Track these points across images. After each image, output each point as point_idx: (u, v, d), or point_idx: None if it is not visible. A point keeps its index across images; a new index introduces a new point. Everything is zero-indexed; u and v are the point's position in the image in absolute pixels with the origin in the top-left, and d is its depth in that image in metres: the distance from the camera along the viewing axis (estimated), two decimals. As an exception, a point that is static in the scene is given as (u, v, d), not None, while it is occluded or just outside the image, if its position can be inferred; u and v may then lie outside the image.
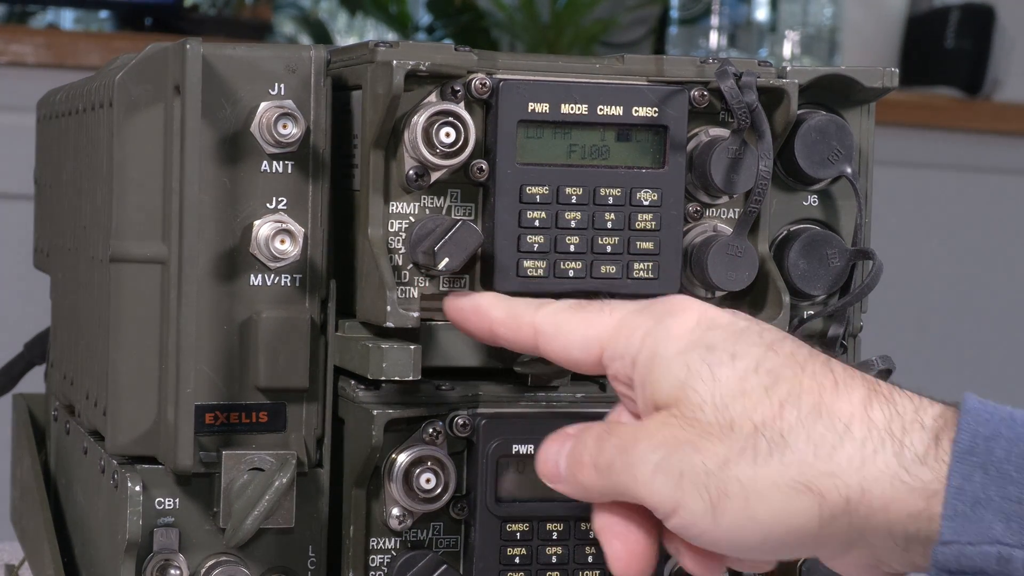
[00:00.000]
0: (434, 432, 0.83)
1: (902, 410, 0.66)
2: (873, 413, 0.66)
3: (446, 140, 0.81)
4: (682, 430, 0.68)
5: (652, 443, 0.68)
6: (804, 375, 0.67)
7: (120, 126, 0.81)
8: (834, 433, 0.66)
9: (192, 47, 0.78)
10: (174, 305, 0.79)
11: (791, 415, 0.66)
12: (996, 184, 2.74)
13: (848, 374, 0.68)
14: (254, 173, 0.82)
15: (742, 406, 0.67)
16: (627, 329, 0.71)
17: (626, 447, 0.69)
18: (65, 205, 0.98)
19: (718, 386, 0.68)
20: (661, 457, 0.68)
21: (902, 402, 0.66)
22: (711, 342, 0.69)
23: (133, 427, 0.82)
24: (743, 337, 0.69)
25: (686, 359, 0.69)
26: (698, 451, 0.67)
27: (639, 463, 0.68)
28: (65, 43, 2.28)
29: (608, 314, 0.73)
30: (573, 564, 0.84)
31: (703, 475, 0.67)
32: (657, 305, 0.72)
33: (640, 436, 0.69)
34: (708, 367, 0.68)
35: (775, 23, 2.78)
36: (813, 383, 0.67)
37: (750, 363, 0.68)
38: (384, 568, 0.84)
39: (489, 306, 0.77)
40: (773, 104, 0.86)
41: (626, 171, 0.84)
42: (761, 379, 0.67)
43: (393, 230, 0.83)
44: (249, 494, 0.81)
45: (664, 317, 0.71)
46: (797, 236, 0.88)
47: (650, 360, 0.70)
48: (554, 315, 0.74)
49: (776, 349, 0.68)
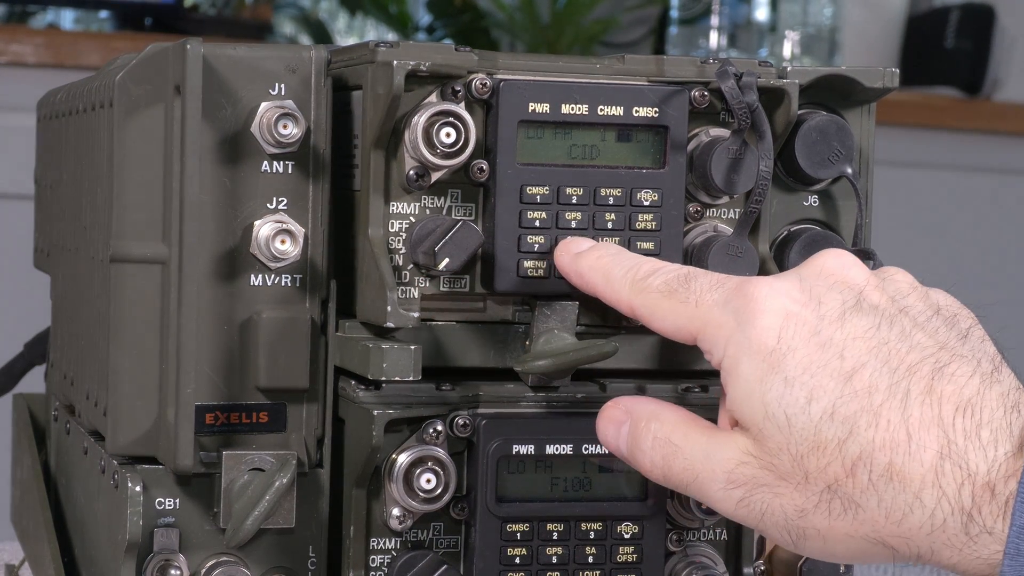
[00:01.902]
0: (434, 432, 0.83)
1: (975, 468, 0.66)
2: (944, 479, 0.66)
3: (446, 140, 0.81)
4: (761, 471, 0.70)
5: (732, 480, 0.71)
6: (878, 427, 0.67)
7: (120, 126, 0.81)
8: (904, 500, 0.67)
9: (192, 47, 0.78)
10: (174, 305, 0.79)
11: (863, 477, 0.67)
12: (996, 184, 2.74)
13: (924, 421, 0.67)
14: (254, 173, 0.82)
15: (816, 461, 0.68)
16: (711, 328, 0.72)
17: (698, 474, 0.72)
18: (65, 205, 0.98)
19: (794, 435, 0.69)
20: (742, 495, 0.70)
21: (975, 459, 0.66)
22: (789, 372, 0.69)
23: (133, 427, 0.82)
24: (823, 364, 0.69)
25: (763, 396, 0.69)
26: (777, 496, 0.69)
27: (720, 498, 0.71)
28: (65, 43, 2.28)
29: (695, 304, 0.73)
30: (573, 564, 0.84)
31: (783, 519, 0.70)
32: (738, 299, 0.72)
33: (716, 468, 0.71)
34: (785, 413, 0.69)
35: (775, 23, 2.78)
36: (886, 437, 0.67)
37: (826, 407, 0.68)
38: (384, 568, 0.84)
39: (590, 270, 0.78)
40: (773, 104, 0.86)
41: (626, 171, 0.84)
42: (836, 430, 0.68)
43: (393, 230, 0.83)
44: (249, 494, 0.81)
45: (745, 320, 0.71)
46: (797, 236, 0.88)
47: (731, 372, 0.71)
48: (648, 300, 0.75)
49: (855, 381, 0.68)
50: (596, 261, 0.78)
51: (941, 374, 0.68)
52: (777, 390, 0.69)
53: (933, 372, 0.68)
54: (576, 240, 0.81)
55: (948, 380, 0.68)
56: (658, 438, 0.74)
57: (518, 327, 0.85)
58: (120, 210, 0.81)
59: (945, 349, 0.69)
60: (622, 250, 0.79)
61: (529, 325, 0.84)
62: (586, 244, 0.80)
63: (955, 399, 0.67)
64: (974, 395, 0.68)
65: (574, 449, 0.83)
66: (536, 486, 0.84)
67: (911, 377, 0.68)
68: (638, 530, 0.85)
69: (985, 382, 0.68)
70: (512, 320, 0.85)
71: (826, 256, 0.73)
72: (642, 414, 0.75)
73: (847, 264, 0.72)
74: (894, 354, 0.69)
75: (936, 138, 2.69)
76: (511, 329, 0.85)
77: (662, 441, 0.73)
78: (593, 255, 0.79)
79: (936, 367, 0.68)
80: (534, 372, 0.83)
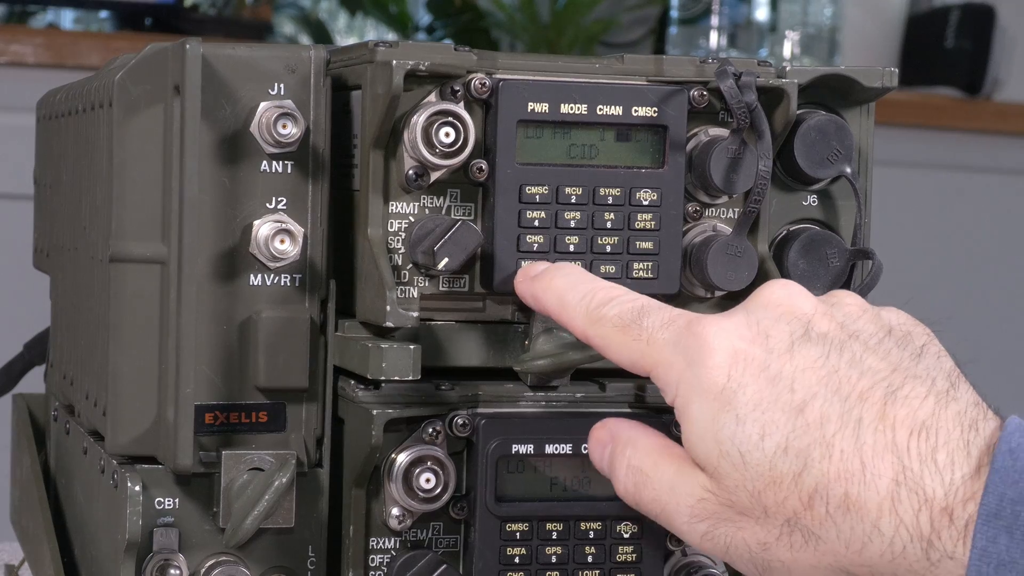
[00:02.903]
0: (434, 432, 0.83)
1: (931, 494, 0.66)
2: (900, 507, 0.66)
3: (446, 140, 0.81)
4: (721, 507, 0.70)
5: (695, 514, 0.71)
6: (832, 458, 0.67)
7: (120, 126, 0.81)
8: (863, 529, 0.67)
9: (192, 47, 0.78)
10: (174, 305, 0.79)
11: (820, 509, 0.67)
12: (996, 184, 2.74)
13: (877, 448, 0.67)
14: (254, 173, 0.82)
15: (774, 496, 0.68)
16: (662, 367, 0.72)
17: (664, 505, 0.72)
18: (65, 205, 0.98)
19: (749, 472, 0.69)
20: (707, 529, 0.71)
21: (932, 483, 0.66)
22: (740, 410, 0.69)
23: (133, 427, 0.82)
24: (774, 398, 0.69)
25: (716, 435, 0.69)
26: (740, 530, 0.70)
27: (685, 531, 0.72)
28: (65, 43, 2.28)
29: (646, 342, 0.73)
30: (573, 564, 0.84)
31: (747, 552, 0.70)
32: (687, 338, 0.71)
33: (681, 502, 0.71)
34: (739, 451, 0.69)
35: (775, 23, 2.78)
36: (840, 468, 0.67)
37: (779, 441, 0.68)
38: (384, 568, 0.84)
39: (544, 292, 0.78)
40: (773, 104, 0.86)
41: (626, 171, 0.84)
42: (791, 464, 0.68)
43: (393, 230, 0.83)
44: (249, 494, 0.81)
45: (694, 360, 0.70)
46: (797, 236, 0.88)
47: (683, 412, 0.71)
48: (601, 331, 0.74)
49: (807, 413, 0.68)
50: (550, 282, 0.78)
51: (894, 398, 0.67)
52: (729, 428, 0.69)
53: (885, 396, 0.67)
54: (534, 265, 0.81)
55: (901, 403, 0.67)
56: (631, 465, 0.74)
57: (517, 327, 0.85)
58: (120, 210, 0.81)
59: (898, 371, 0.69)
60: (577, 271, 0.78)
61: (528, 325, 0.84)
62: (542, 267, 0.80)
63: (909, 423, 0.67)
64: (928, 417, 0.67)
65: (573, 449, 0.83)
66: (535, 486, 0.84)
67: (863, 404, 0.68)
68: (638, 530, 0.85)
69: (940, 402, 0.67)
70: (511, 320, 0.85)
71: (772, 287, 0.72)
72: (620, 438, 0.75)
73: (793, 293, 0.72)
74: (844, 382, 0.68)
75: (936, 138, 2.69)
76: (510, 329, 0.85)
77: (635, 469, 0.74)
78: (547, 277, 0.78)
79: (888, 391, 0.68)
80: (533, 372, 0.83)
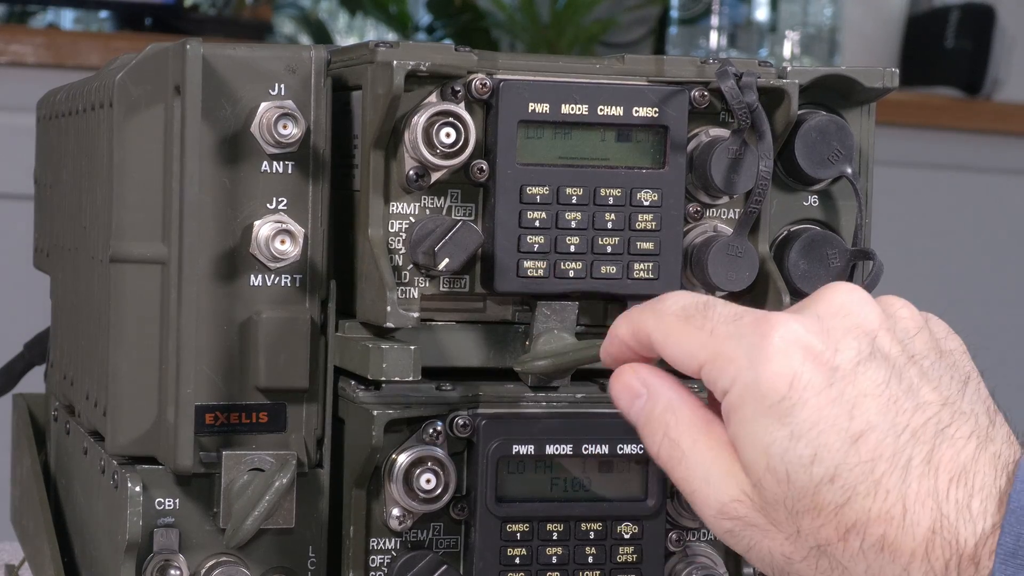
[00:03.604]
0: (434, 432, 0.83)
1: (963, 543, 0.66)
2: (933, 554, 0.66)
3: (446, 140, 0.81)
4: (754, 513, 0.70)
5: (725, 512, 0.70)
6: (877, 496, 0.67)
7: (120, 126, 0.81)
8: (893, 571, 0.67)
9: (192, 47, 0.78)
10: (174, 305, 0.79)
11: (855, 543, 0.67)
12: (996, 184, 2.74)
13: (920, 494, 0.67)
14: (254, 173, 0.82)
15: (811, 522, 0.68)
16: (722, 360, 0.70)
17: (695, 491, 0.71)
18: (65, 205, 0.98)
19: (792, 492, 0.68)
20: (733, 527, 0.70)
21: (965, 533, 0.66)
22: (796, 428, 0.68)
23: (133, 427, 0.82)
24: (832, 422, 0.68)
25: (767, 449, 0.68)
26: (767, 538, 0.70)
27: (711, 523, 0.71)
28: (65, 43, 2.28)
29: (709, 333, 0.71)
30: (573, 564, 0.84)
31: (768, 558, 0.70)
32: (753, 335, 0.70)
33: (712, 495, 0.71)
34: (786, 469, 0.68)
35: (775, 23, 2.78)
36: (883, 509, 0.67)
37: (829, 469, 0.68)
38: (384, 568, 0.84)
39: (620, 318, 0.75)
40: (773, 104, 0.86)
41: (626, 171, 0.84)
42: (835, 495, 0.67)
43: (393, 230, 0.83)
44: (249, 494, 0.81)
45: (757, 360, 0.69)
46: (797, 236, 0.88)
47: (735, 410, 0.70)
48: (664, 323, 0.73)
49: (861, 446, 0.68)
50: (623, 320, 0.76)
51: (943, 436, 0.68)
52: (782, 444, 0.68)
53: (935, 435, 0.68)
54: None
55: (948, 445, 0.68)
56: (669, 436, 0.72)
57: (518, 327, 0.85)
58: (120, 210, 0.81)
59: (947, 406, 0.69)
60: None
61: (529, 325, 0.84)
62: None
63: (951, 467, 0.67)
64: (969, 460, 0.67)
65: (574, 449, 0.83)
66: (536, 486, 0.84)
67: (914, 444, 0.68)
68: (638, 530, 0.85)
69: (981, 444, 0.68)
70: (512, 320, 0.85)
71: (841, 291, 0.71)
72: (660, 399, 0.73)
73: (862, 301, 0.71)
74: (901, 414, 0.68)
75: (936, 138, 2.69)
76: (511, 329, 0.85)
77: (672, 442, 0.72)
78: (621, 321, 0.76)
79: (938, 428, 0.68)
80: (534, 372, 0.83)
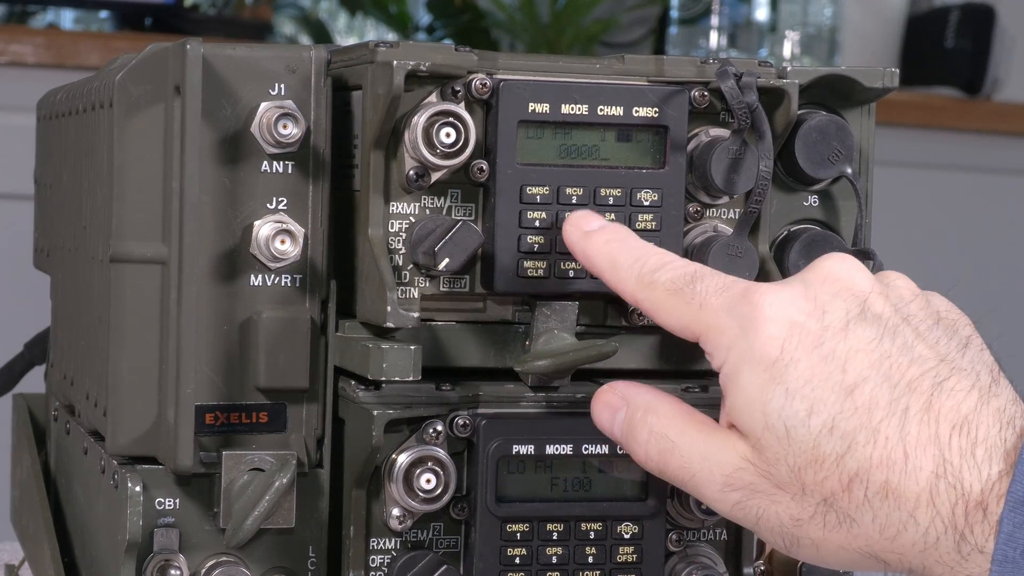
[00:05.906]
0: (434, 432, 0.83)
1: (968, 488, 0.67)
2: (938, 499, 0.67)
3: (446, 140, 0.81)
4: (758, 478, 0.70)
5: (730, 483, 0.71)
6: (876, 444, 0.68)
7: (120, 126, 0.81)
8: (899, 518, 0.68)
9: (192, 47, 0.78)
10: (174, 305, 0.79)
11: (859, 493, 0.68)
12: (996, 184, 2.74)
13: (921, 439, 0.68)
14: (254, 173, 0.82)
15: (814, 475, 0.69)
16: (714, 332, 0.72)
17: (695, 473, 0.72)
18: (65, 205, 0.98)
19: (792, 447, 0.69)
20: (740, 498, 0.71)
21: (970, 478, 0.67)
22: (791, 384, 0.69)
23: (133, 427, 0.82)
24: (825, 377, 0.69)
25: (764, 407, 0.69)
26: (774, 503, 0.70)
27: (716, 499, 0.72)
28: (65, 43, 2.28)
29: (699, 306, 0.73)
30: (573, 564, 0.84)
31: (778, 525, 0.70)
32: (743, 305, 0.71)
33: (714, 470, 0.71)
34: (784, 425, 0.69)
35: (775, 23, 2.79)
36: (883, 455, 0.68)
37: (826, 420, 0.68)
38: (384, 568, 0.84)
39: (597, 254, 0.77)
40: (773, 104, 0.86)
41: (626, 171, 0.84)
42: (835, 445, 0.68)
43: (393, 230, 0.83)
44: (249, 494, 0.81)
45: (748, 328, 0.71)
46: (797, 236, 0.88)
47: (732, 379, 0.71)
48: (653, 296, 0.74)
49: (856, 396, 0.68)
50: (604, 246, 0.77)
51: (940, 389, 0.68)
52: (778, 401, 0.69)
53: (933, 387, 0.68)
54: (587, 216, 0.79)
55: (947, 396, 0.68)
56: (654, 432, 0.74)
57: (518, 327, 0.85)
58: (120, 210, 0.81)
59: (945, 362, 0.69)
60: (630, 235, 0.78)
61: (529, 325, 0.84)
62: (596, 223, 0.78)
63: (952, 416, 0.68)
64: (971, 412, 0.68)
65: (574, 449, 0.83)
66: (536, 486, 0.84)
67: (911, 393, 0.68)
68: (638, 530, 0.85)
69: (983, 397, 0.68)
70: (512, 320, 0.85)
71: (831, 261, 0.73)
72: (639, 404, 0.75)
73: (852, 268, 0.72)
74: (895, 368, 0.69)
75: (936, 138, 2.69)
76: (511, 329, 0.85)
77: (658, 436, 0.73)
78: (601, 239, 0.77)
79: (936, 382, 0.69)
80: (534, 372, 0.83)
